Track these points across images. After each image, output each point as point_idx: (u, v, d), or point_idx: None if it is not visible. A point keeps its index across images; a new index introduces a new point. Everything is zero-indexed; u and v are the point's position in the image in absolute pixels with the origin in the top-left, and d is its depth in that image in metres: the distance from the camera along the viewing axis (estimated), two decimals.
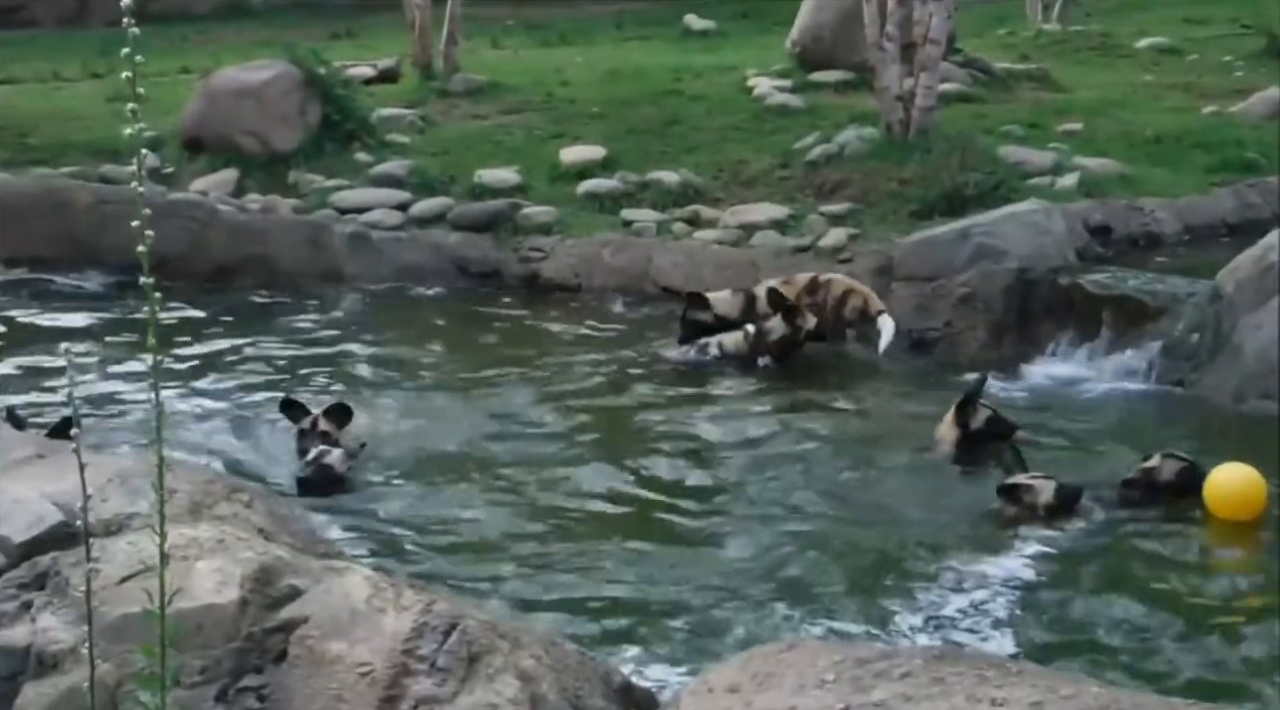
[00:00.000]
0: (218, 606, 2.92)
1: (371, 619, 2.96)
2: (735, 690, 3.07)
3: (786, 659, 3.18)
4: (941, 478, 7.10)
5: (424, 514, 6.53)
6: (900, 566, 5.94)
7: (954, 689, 2.93)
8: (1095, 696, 2.87)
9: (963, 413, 7.21)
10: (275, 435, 7.59)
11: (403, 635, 2.94)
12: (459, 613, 3.09)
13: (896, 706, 2.89)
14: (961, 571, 5.87)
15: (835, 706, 2.91)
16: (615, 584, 5.75)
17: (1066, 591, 5.68)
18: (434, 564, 5.89)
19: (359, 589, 3.03)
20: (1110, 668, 4.83)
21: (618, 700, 3.27)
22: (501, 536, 6.27)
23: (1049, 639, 5.30)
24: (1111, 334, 8.89)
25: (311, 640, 2.91)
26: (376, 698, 2.83)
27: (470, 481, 7.01)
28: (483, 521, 6.49)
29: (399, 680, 2.86)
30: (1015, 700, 2.85)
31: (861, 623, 5.35)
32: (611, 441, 7.69)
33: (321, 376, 8.96)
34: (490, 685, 2.95)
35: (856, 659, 3.13)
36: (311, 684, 2.85)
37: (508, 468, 7.20)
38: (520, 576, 5.85)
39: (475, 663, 2.98)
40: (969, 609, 5.53)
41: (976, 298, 9.44)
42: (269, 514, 3.53)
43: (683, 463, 7.30)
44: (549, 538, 6.28)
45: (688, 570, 5.91)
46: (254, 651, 2.90)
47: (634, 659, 4.93)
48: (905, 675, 3.02)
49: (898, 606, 5.52)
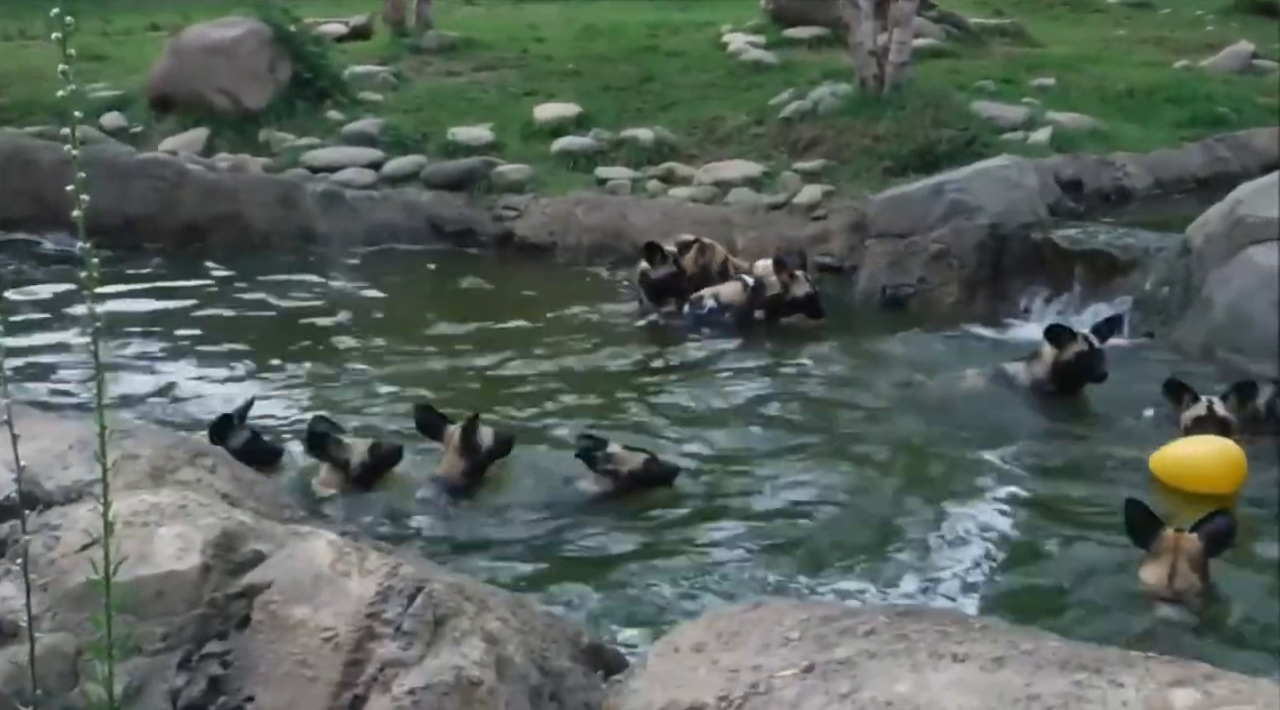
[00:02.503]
0: (179, 573, 2.91)
1: (336, 583, 2.95)
2: (701, 650, 3.07)
3: (752, 618, 3.19)
4: (910, 430, 7.12)
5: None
6: (872, 521, 5.96)
7: (917, 645, 2.94)
8: (1055, 650, 2.89)
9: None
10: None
11: (367, 599, 2.93)
12: (424, 576, 3.08)
13: (860, 663, 2.90)
14: (931, 524, 5.89)
15: (800, 664, 2.92)
16: (582, 542, 5.75)
17: (1036, 545, 5.71)
18: (407, 525, 5.88)
19: (323, 553, 3.03)
20: (1074, 623, 4.85)
21: (585, 661, 3.27)
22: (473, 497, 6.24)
23: (1016, 593, 5.32)
24: (1083, 288, 8.93)
25: (275, 605, 2.91)
26: (341, 662, 2.82)
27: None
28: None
29: (363, 644, 2.86)
30: (977, 655, 2.86)
31: (830, 579, 5.36)
32: (589, 399, 7.67)
33: (292, 338, 8.91)
34: (456, 648, 2.94)
35: (821, 617, 3.14)
36: (275, 649, 2.84)
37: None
38: (495, 534, 5.85)
39: (441, 626, 2.97)
40: (937, 562, 5.56)
41: (950, 254, 9.47)
42: (233, 479, 3.52)
43: (661, 420, 7.28)
44: (522, 495, 6.26)
45: (656, 528, 5.90)
46: (217, 618, 2.90)
47: (599, 617, 4.94)
48: (869, 632, 3.03)
49: (865, 562, 5.53)
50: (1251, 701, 2.55)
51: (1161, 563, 5.13)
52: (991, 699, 2.66)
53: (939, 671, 2.78)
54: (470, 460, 6.14)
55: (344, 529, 3.61)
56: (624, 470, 6.11)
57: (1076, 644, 3.04)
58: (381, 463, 6.18)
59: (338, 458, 6.10)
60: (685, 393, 7.76)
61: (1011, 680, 2.71)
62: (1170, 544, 5.14)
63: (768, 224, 10.32)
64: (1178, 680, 2.65)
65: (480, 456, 6.18)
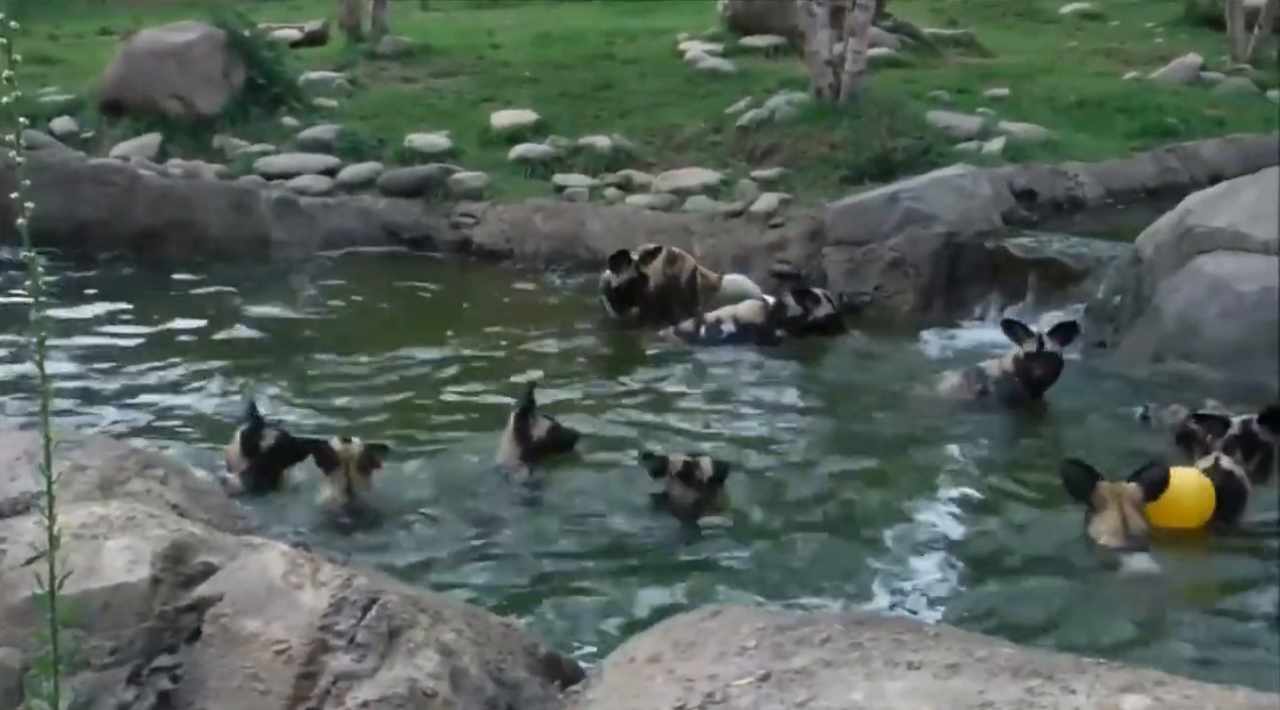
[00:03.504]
0: (128, 586, 2.87)
1: (288, 595, 2.92)
2: (657, 660, 3.07)
3: (708, 627, 3.19)
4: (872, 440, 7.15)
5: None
6: (829, 529, 5.97)
7: (872, 654, 2.95)
8: (1009, 657, 2.90)
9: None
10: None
11: (320, 611, 2.90)
12: (379, 587, 3.06)
13: (816, 672, 2.90)
14: (887, 533, 5.92)
15: (756, 673, 2.92)
16: (531, 554, 5.73)
17: (991, 554, 5.73)
18: (363, 539, 5.84)
19: (275, 565, 3.00)
20: (1028, 631, 4.88)
21: (541, 672, 3.26)
22: (428, 504, 6.21)
23: (971, 602, 5.35)
24: (1036, 297, 9.00)
25: (226, 618, 2.87)
26: (293, 675, 2.80)
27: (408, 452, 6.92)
28: (423, 486, 6.42)
29: (316, 657, 2.83)
30: (931, 663, 2.87)
31: (786, 590, 5.36)
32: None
33: (242, 344, 8.85)
34: (411, 660, 2.93)
35: (778, 626, 3.14)
36: (226, 663, 2.81)
37: (437, 433, 7.15)
38: (451, 546, 5.82)
39: (395, 637, 2.95)
40: (895, 572, 5.58)
41: (906, 262, 9.54)
42: (184, 490, 3.48)
43: (624, 427, 7.27)
44: (472, 502, 6.23)
45: (612, 534, 5.89)
46: (167, 631, 2.86)
47: (553, 628, 4.93)
48: (825, 641, 3.04)
49: (823, 572, 5.54)
50: (1201, 707, 2.57)
51: (1108, 514, 5.37)
52: (945, 706, 2.67)
53: (894, 680, 2.79)
54: (524, 447, 6.44)
55: (297, 540, 3.58)
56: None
57: (1030, 650, 3.06)
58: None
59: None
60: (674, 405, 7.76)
61: (965, 687, 2.72)
62: (1111, 493, 5.37)
63: (725, 232, 10.35)
64: (1128, 686, 2.66)
65: (532, 444, 6.46)
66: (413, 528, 5.95)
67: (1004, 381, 7.55)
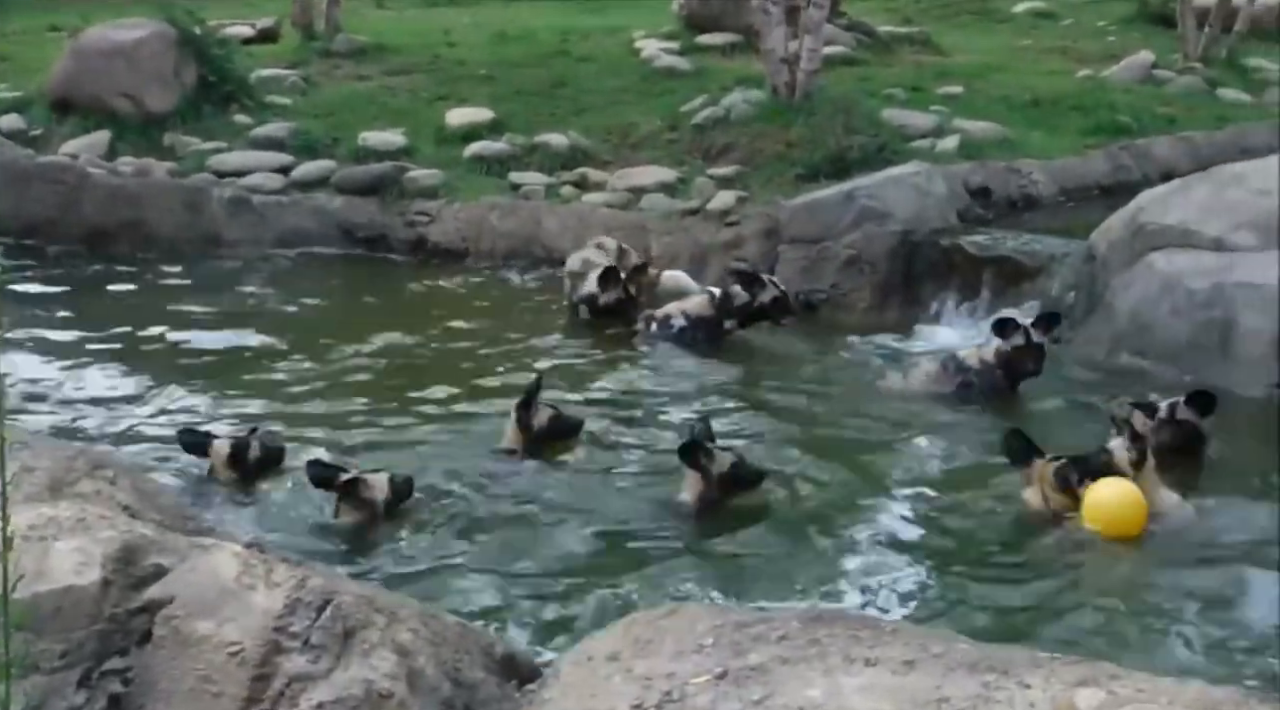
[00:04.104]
0: (78, 588, 2.84)
1: (241, 597, 2.90)
2: (615, 658, 3.06)
3: (666, 625, 3.18)
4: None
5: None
6: (786, 528, 5.98)
7: (829, 650, 2.96)
8: (965, 653, 2.91)
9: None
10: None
11: (274, 612, 2.88)
12: (333, 588, 3.04)
13: (773, 669, 2.90)
14: (844, 531, 5.93)
15: (714, 671, 2.92)
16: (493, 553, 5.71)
17: (947, 549, 5.75)
18: (317, 542, 5.80)
19: (227, 566, 2.97)
20: (986, 627, 4.90)
21: (498, 672, 3.24)
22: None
23: (928, 598, 5.36)
24: (991, 294, 9.05)
25: (177, 620, 2.84)
26: (247, 677, 2.77)
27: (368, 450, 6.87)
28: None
29: (270, 659, 2.81)
30: (888, 659, 2.88)
31: (740, 587, 5.36)
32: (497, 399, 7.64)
33: (197, 346, 8.77)
34: (366, 661, 2.91)
35: (735, 623, 3.14)
36: (178, 665, 2.78)
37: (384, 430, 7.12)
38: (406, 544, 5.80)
39: (350, 638, 2.93)
40: (852, 568, 5.59)
41: (861, 259, 9.56)
42: (134, 490, 3.45)
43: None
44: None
45: (564, 536, 5.88)
46: (117, 634, 2.83)
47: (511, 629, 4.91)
48: (782, 638, 3.04)
49: (782, 568, 5.54)
50: (1154, 700, 2.59)
51: (1033, 490, 5.87)
52: (903, 702, 2.68)
53: (851, 676, 2.79)
54: (526, 435, 6.60)
55: (250, 541, 3.54)
56: None
57: (985, 646, 3.07)
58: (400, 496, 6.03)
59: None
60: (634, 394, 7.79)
61: (922, 683, 2.73)
62: (1039, 471, 5.86)
63: (682, 230, 10.35)
64: (1083, 680, 2.68)
65: (534, 434, 6.61)
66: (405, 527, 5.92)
67: (985, 373, 7.59)
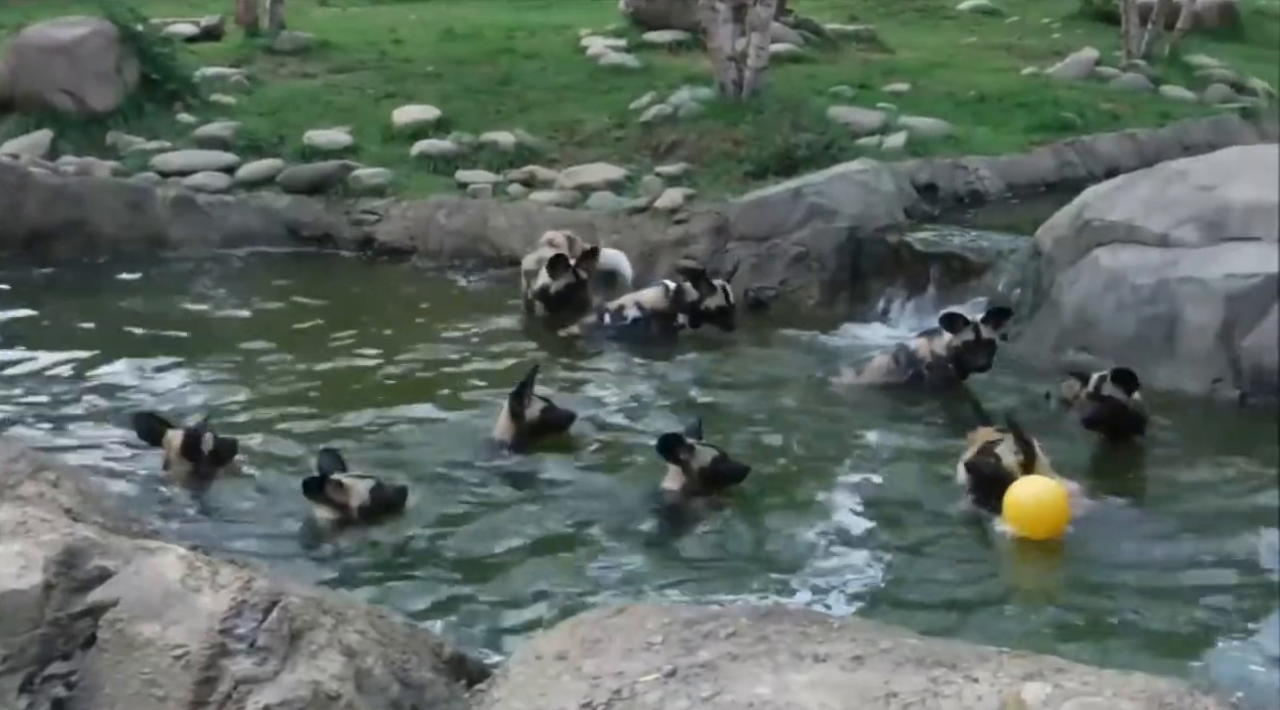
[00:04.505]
0: (19, 592, 2.80)
1: (186, 599, 2.87)
2: (563, 657, 3.05)
3: (614, 623, 3.18)
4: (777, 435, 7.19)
5: (268, 488, 6.36)
6: (740, 523, 6.00)
7: (778, 646, 2.96)
8: (913, 648, 2.93)
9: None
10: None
11: (220, 615, 2.85)
12: (280, 589, 3.01)
13: (722, 666, 2.90)
14: (795, 525, 5.95)
15: (663, 668, 2.92)
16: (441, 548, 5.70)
17: (895, 544, 5.78)
18: (273, 545, 5.76)
19: (172, 568, 2.94)
20: (934, 621, 4.93)
21: (447, 672, 3.23)
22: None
23: (877, 593, 5.39)
24: (938, 290, 9.11)
25: (122, 623, 2.81)
26: (192, 681, 2.74)
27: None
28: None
29: (216, 661, 2.78)
30: (837, 655, 2.89)
31: (692, 584, 5.36)
32: (452, 399, 7.62)
33: (142, 346, 8.69)
34: (313, 662, 2.88)
35: (684, 620, 3.15)
36: (122, 669, 2.75)
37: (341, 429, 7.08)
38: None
39: (297, 640, 2.91)
40: (802, 563, 5.60)
41: (810, 257, 9.60)
42: (77, 493, 3.41)
43: None
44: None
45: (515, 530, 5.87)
46: (60, 638, 2.79)
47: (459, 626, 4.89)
48: (731, 635, 3.04)
49: (731, 566, 5.55)
50: (1100, 692, 2.61)
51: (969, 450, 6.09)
52: (851, 698, 2.69)
53: (800, 672, 2.80)
54: (518, 426, 6.72)
55: (194, 542, 3.51)
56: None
57: (933, 640, 3.09)
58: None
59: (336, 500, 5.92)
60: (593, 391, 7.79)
61: (870, 679, 2.74)
62: (973, 438, 6.08)
63: (630, 228, 10.34)
64: (1029, 674, 2.70)
65: (526, 424, 6.72)
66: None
67: (936, 366, 7.67)
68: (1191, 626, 4.99)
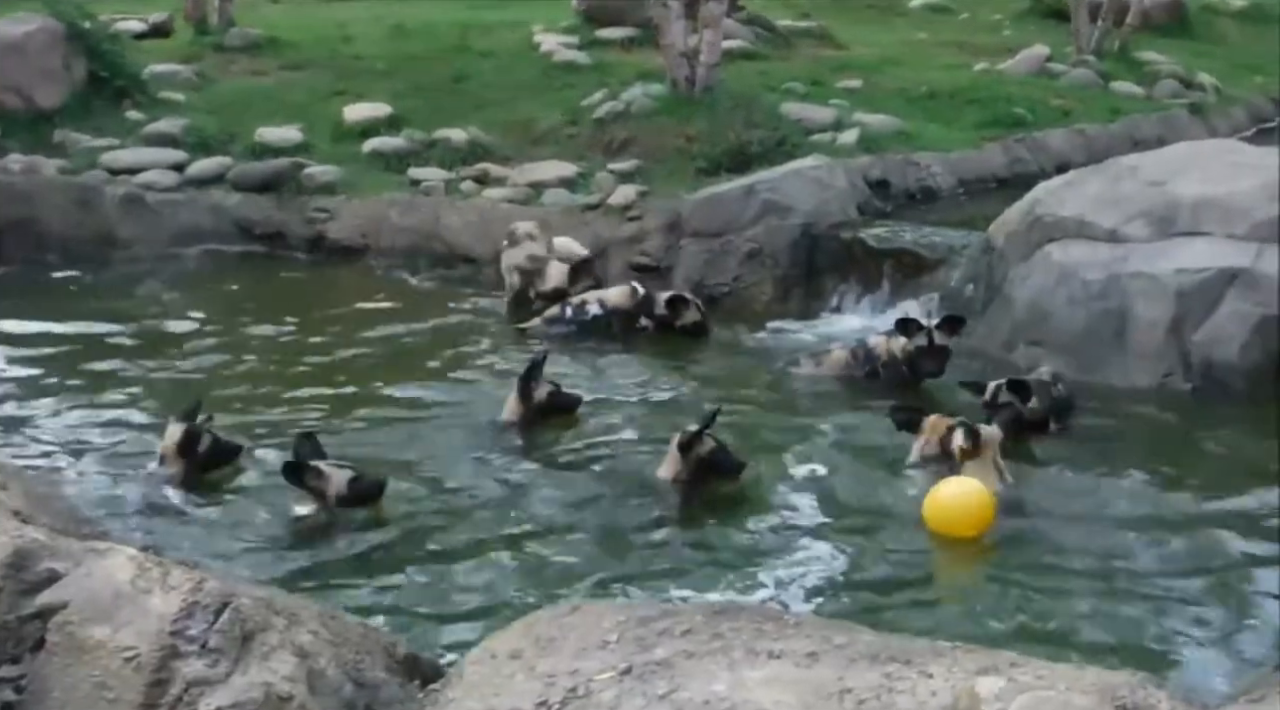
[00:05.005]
0: None
1: (136, 601, 2.85)
2: (518, 656, 3.05)
3: (569, 622, 3.18)
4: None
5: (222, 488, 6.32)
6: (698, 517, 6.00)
7: (733, 644, 2.97)
8: (868, 644, 2.94)
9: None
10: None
11: (170, 616, 2.83)
12: (231, 590, 3.00)
13: (678, 663, 2.91)
14: (751, 520, 5.96)
15: (618, 666, 2.92)
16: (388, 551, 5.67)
17: (851, 539, 5.80)
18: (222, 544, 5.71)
19: (122, 570, 2.91)
20: (888, 617, 4.95)
21: (400, 672, 3.22)
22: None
23: (833, 588, 5.40)
24: (891, 286, 9.15)
25: (72, 626, 2.79)
26: (143, 683, 2.72)
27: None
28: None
29: (167, 663, 2.76)
30: (791, 651, 2.90)
31: (650, 583, 5.36)
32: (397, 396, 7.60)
33: (88, 346, 8.60)
34: (265, 663, 2.87)
35: (639, 618, 3.15)
36: (72, 672, 2.73)
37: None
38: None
39: (249, 641, 2.90)
40: (757, 559, 5.61)
41: (763, 253, 9.61)
42: (26, 495, 3.37)
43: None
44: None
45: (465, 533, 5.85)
46: (9, 641, 2.77)
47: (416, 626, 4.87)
48: (686, 632, 3.05)
49: (684, 564, 5.55)
50: (1053, 686, 2.63)
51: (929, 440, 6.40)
52: (806, 694, 2.69)
53: (755, 669, 2.81)
54: (526, 408, 6.99)
55: (145, 543, 3.48)
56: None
57: (887, 636, 3.10)
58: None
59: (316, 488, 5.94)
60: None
61: (825, 675, 2.75)
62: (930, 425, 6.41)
63: (583, 225, 10.32)
64: (983, 668, 2.72)
65: (535, 406, 7.00)
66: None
67: (891, 366, 7.78)
68: (1137, 619, 5.04)
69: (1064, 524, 5.89)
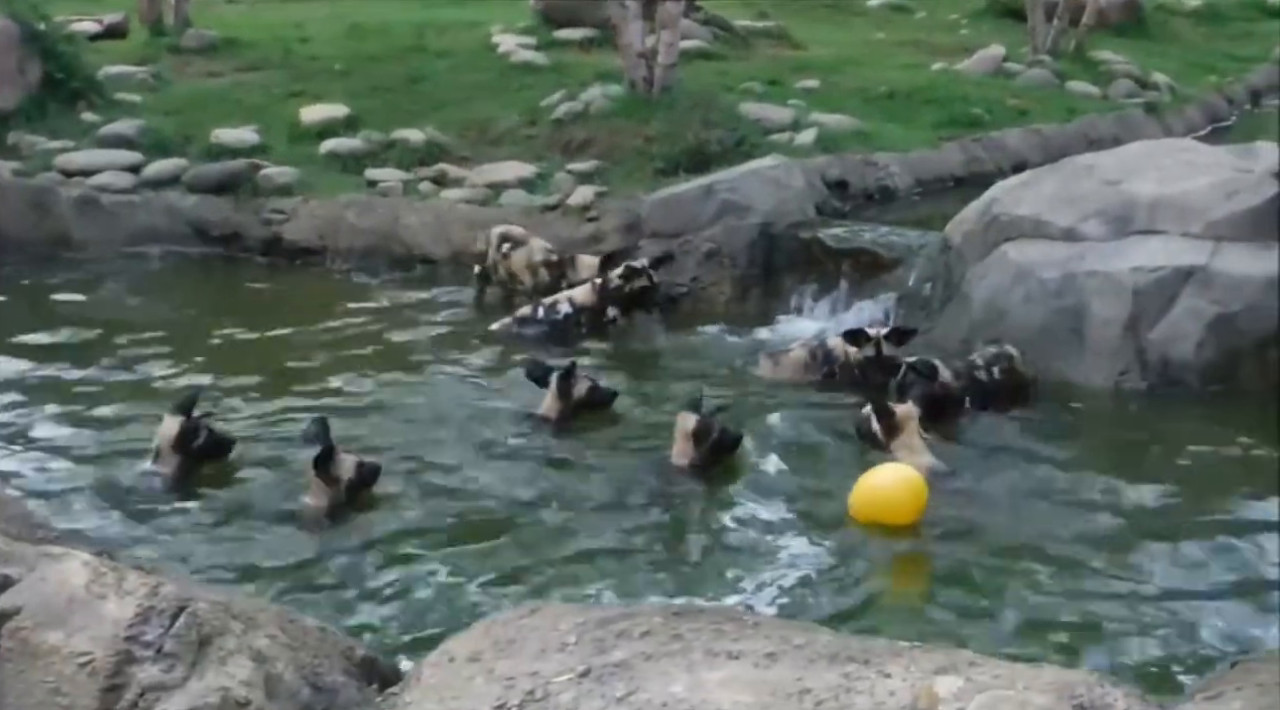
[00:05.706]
0: None
1: (91, 606, 2.82)
2: (476, 658, 3.04)
3: (528, 624, 3.18)
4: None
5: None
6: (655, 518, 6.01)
7: (692, 645, 2.97)
8: (826, 644, 2.95)
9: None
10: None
11: (125, 621, 2.81)
12: (187, 595, 2.98)
13: (637, 665, 2.91)
14: (710, 521, 5.97)
15: (577, 669, 2.92)
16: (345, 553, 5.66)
17: (809, 539, 5.82)
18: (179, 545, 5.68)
19: (77, 575, 2.89)
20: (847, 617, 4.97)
21: (358, 675, 3.21)
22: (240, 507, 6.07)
23: (791, 589, 5.41)
24: (850, 286, 9.18)
25: (25, 631, 2.76)
26: (98, 689, 2.70)
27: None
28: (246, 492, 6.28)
29: (122, 669, 2.74)
30: (751, 652, 2.91)
31: (608, 582, 5.36)
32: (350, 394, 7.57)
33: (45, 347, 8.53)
34: (222, 668, 2.86)
35: (598, 620, 3.15)
36: (26, 678, 2.70)
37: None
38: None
39: (206, 646, 2.88)
40: (716, 560, 5.62)
41: (722, 253, 9.62)
42: None
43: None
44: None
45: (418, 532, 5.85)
46: None
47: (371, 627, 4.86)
48: (645, 634, 3.05)
49: (644, 563, 5.56)
50: (1011, 685, 2.64)
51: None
52: (765, 695, 2.70)
53: (714, 670, 2.81)
54: (565, 404, 7.14)
55: (101, 548, 3.45)
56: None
57: (846, 636, 3.12)
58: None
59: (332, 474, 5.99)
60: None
61: (784, 675, 2.76)
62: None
63: (542, 226, 10.30)
64: (942, 668, 2.73)
65: (572, 402, 7.17)
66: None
67: (846, 369, 7.86)
68: (1095, 615, 5.08)
69: (1019, 519, 5.94)
